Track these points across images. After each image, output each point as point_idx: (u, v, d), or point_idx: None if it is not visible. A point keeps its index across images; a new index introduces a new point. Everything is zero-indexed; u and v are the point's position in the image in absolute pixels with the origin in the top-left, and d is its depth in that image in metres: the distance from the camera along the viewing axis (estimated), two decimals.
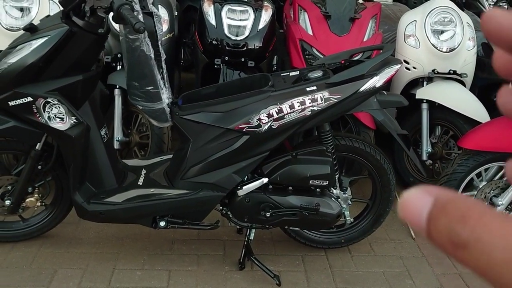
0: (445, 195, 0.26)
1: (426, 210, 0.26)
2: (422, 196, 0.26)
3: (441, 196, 0.26)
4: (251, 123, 2.01)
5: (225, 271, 2.32)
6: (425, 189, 0.27)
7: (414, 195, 0.27)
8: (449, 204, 0.25)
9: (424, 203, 0.26)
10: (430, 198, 0.26)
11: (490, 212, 0.24)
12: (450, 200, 0.25)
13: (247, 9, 2.94)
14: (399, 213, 0.27)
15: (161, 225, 2.15)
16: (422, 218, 0.26)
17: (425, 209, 0.26)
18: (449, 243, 0.24)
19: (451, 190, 0.26)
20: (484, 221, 0.24)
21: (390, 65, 2.08)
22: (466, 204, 0.25)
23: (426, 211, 0.26)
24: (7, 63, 1.95)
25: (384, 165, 2.31)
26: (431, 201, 0.26)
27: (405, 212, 0.27)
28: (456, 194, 0.26)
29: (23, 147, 2.20)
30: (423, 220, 0.26)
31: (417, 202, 0.26)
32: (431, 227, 0.25)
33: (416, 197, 0.26)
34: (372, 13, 3.02)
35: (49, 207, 2.40)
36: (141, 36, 1.87)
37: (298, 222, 2.21)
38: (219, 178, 2.10)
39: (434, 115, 2.96)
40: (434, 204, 0.26)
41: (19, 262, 2.31)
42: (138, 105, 2.07)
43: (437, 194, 0.26)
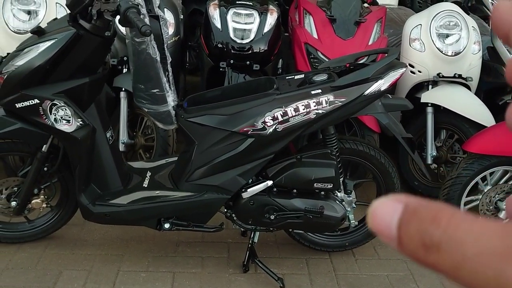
0: (414, 201, 0.26)
1: (396, 217, 0.25)
2: (391, 203, 0.26)
3: (410, 202, 0.26)
4: (256, 126, 2.02)
5: (229, 273, 2.33)
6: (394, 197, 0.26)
7: (383, 203, 0.26)
8: (420, 208, 0.25)
9: (394, 210, 0.26)
10: (399, 205, 0.26)
11: (460, 213, 0.25)
12: (420, 205, 0.25)
13: (253, 12, 2.95)
14: (368, 223, 0.27)
15: (165, 227, 2.16)
16: (392, 226, 0.25)
17: (395, 216, 0.25)
18: (421, 247, 0.24)
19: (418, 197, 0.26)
20: (455, 221, 0.24)
21: (395, 68, 2.09)
22: (436, 207, 0.25)
23: (396, 218, 0.25)
24: (14, 66, 1.97)
25: (388, 168, 2.31)
26: (401, 208, 0.26)
27: (374, 221, 0.26)
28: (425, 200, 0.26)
29: (30, 149, 2.22)
30: (393, 227, 0.25)
31: (386, 209, 0.26)
32: (401, 233, 0.25)
33: (385, 205, 0.26)
34: (377, 17, 3.02)
35: (54, 209, 2.42)
36: (147, 39, 1.89)
37: (302, 225, 2.21)
38: (223, 180, 2.11)
39: (439, 118, 2.95)
40: (405, 209, 0.25)
41: (24, 263, 2.32)
42: (143, 107, 2.09)
43: (407, 200, 0.26)
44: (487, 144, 2.43)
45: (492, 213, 2.57)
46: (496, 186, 2.54)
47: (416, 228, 0.25)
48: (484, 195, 2.54)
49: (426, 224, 0.24)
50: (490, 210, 2.56)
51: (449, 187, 2.50)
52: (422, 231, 0.24)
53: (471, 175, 2.48)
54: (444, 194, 2.52)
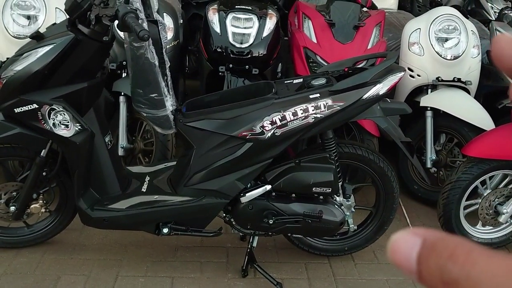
0: (433, 235, 0.26)
1: (415, 251, 0.26)
2: (410, 237, 0.26)
3: (429, 236, 0.26)
4: (255, 130, 2.02)
5: (228, 278, 2.32)
6: (412, 230, 0.27)
7: (402, 238, 0.27)
8: (438, 243, 0.25)
9: (412, 245, 0.26)
10: (418, 239, 0.26)
11: (478, 248, 0.25)
12: (438, 239, 0.25)
13: (252, 17, 2.95)
14: (389, 257, 0.27)
15: (164, 232, 2.16)
16: (412, 260, 0.26)
17: (414, 250, 0.26)
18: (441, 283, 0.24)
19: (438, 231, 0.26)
20: (473, 258, 0.24)
21: (393, 72, 2.09)
22: (454, 242, 0.25)
23: (415, 253, 0.26)
24: (13, 71, 1.98)
25: (387, 172, 2.31)
26: (420, 242, 0.26)
27: (394, 255, 0.27)
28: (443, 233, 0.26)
29: (28, 154, 2.22)
30: (413, 261, 0.26)
31: (405, 244, 0.26)
32: (421, 268, 0.25)
33: (404, 239, 0.26)
34: (376, 21, 3.03)
35: (53, 214, 2.41)
36: (145, 44, 1.89)
37: (301, 230, 2.21)
38: (222, 185, 2.10)
39: (438, 122, 2.95)
40: (423, 244, 0.26)
41: (23, 268, 2.32)
42: (142, 112, 2.09)
43: (425, 234, 0.26)
44: (486, 148, 2.43)
45: (491, 217, 2.56)
46: (495, 190, 2.54)
47: (434, 264, 0.25)
48: (483, 199, 2.54)
49: (444, 260, 0.24)
50: (489, 214, 2.56)
51: (449, 191, 2.50)
52: (440, 267, 0.24)
53: (471, 179, 2.48)
54: (444, 198, 2.52)
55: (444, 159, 3.04)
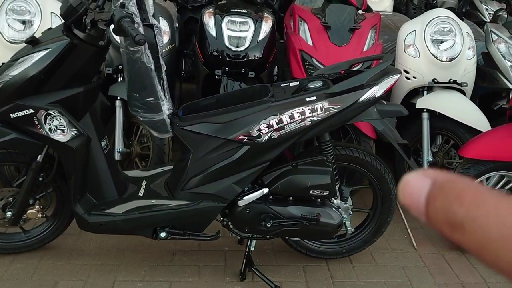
0: (443, 176, 0.26)
1: (425, 192, 0.26)
2: (421, 178, 0.27)
3: (439, 177, 0.26)
4: (251, 133, 2.02)
5: (226, 282, 2.31)
6: (424, 172, 0.27)
7: (413, 178, 0.27)
8: (446, 184, 0.25)
9: (422, 185, 0.26)
10: (428, 180, 0.26)
11: (485, 191, 0.25)
12: (447, 181, 0.26)
13: (247, 20, 2.96)
14: (399, 197, 0.27)
15: (161, 236, 2.15)
16: (420, 200, 0.26)
17: (423, 191, 0.26)
18: (446, 224, 0.25)
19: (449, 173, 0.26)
20: (479, 200, 0.24)
21: (389, 75, 2.09)
22: (462, 184, 0.25)
23: (424, 193, 0.26)
24: (9, 76, 1.97)
25: (384, 174, 2.31)
26: (430, 183, 0.26)
27: (404, 195, 0.27)
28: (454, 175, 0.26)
29: (24, 159, 2.21)
30: (421, 202, 0.26)
31: (415, 184, 0.27)
32: (429, 208, 0.26)
33: (415, 180, 0.27)
34: (372, 24, 3.03)
35: (50, 219, 2.40)
36: (141, 48, 1.89)
37: (299, 233, 2.20)
38: (219, 188, 2.10)
39: (434, 124, 2.96)
40: (433, 185, 0.26)
41: (20, 274, 2.30)
42: (138, 116, 2.08)
43: (435, 175, 0.26)
44: (483, 149, 2.44)
45: None
46: None
47: (441, 205, 0.25)
48: None
49: (450, 201, 0.25)
50: None
51: None
52: (446, 209, 0.25)
53: None
54: None
55: (441, 161, 3.05)
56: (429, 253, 2.64)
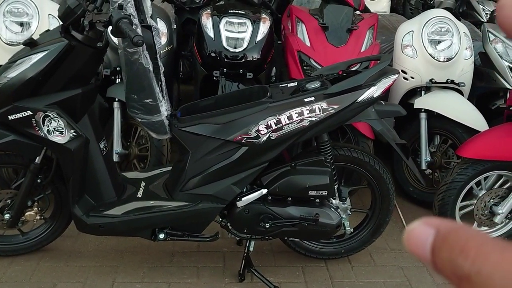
0: (446, 226, 0.26)
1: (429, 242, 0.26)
2: (424, 228, 0.27)
3: (441, 227, 0.26)
4: (250, 134, 2.02)
5: (225, 283, 2.31)
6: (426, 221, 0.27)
7: (416, 228, 0.27)
8: (450, 235, 0.25)
9: (426, 235, 0.26)
10: (431, 230, 0.26)
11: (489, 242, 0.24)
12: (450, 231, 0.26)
13: (245, 21, 2.96)
14: (406, 247, 0.28)
15: (160, 237, 2.15)
16: (426, 250, 0.26)
17: (428, 241, 0.26)
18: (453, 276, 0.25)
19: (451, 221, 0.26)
20: (484, 252, 0.24)
21: (387, 75, 2.09)
22: (466, 235, 0.25)
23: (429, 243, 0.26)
24: (7, 78, 1.97)
25: (383, 174, 2.31)
26: (433, 233, 0.26)
27: (409, 245, 0.27)
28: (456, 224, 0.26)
29: (23, 161, 2.21)
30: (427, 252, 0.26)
31: (419, 234, 0.27)
32: (435, 259, 0.26)
33: (418, 230, 0.27)
34: (369, 24, 3.04)
35: (48, 221, 2.40)
36: (139, 49, 1.89)
37: (297, 233, 2.20)
38: (218, 189, 2.10)
39: (432, 124, 2.96)
40: (436, 236, 0.26)
41: (18, 276, 2.30)
42: (137, 117, 2.08)
43: (438, 225, 0.26)
44: (480, 149, 2.44)
45: (487, 218, 2.57)
46: (490, 190, 2.55)
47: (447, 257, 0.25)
48: (478, 200, 2.54)
49: (455, 255, 0.24)
50: (485, 215, 2.57)
51: (444, 193, 2.51)
52: (452, 261, 0.24)
53: (466, 180, 2.49)
54: (439, 199, 2.53)
55: (439, 161, 3.06)
56: None
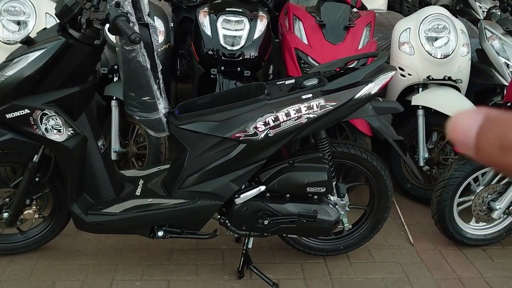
0: (495, 111, 0.29)
1: (476, 126, 0.28)
2: (473, 114, 0.29)
3: (491, 112, 0.29)
4: (248, 131, 2.02)
5: (224, 280, 2.32)
6: (475, 109, 0.29)
7: (464, 115, 0.30)
8: (501, 116, 0.28)
9: (474, 120, 0.29)
10: (481, 115, 0.29)
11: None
12: (500, 114, 0.28)
13: (243, 19, 2.96)
14: (448, 133, 0.29)
15: (159, 235, 2.15)
16: (471, 134, 0.28)
17: (474, 126, 0.28)
18: (499, 149, 0.27)
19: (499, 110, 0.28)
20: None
21: (384, 72, 2.10)
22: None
23: (475, 127, 0.28)
24: (4, 76, 1.96)
25: (381, 171, 2.32)
26: (482, 117, 0.29)
27: (453, 132, 0.29)
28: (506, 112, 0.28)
29: (21, 159, 2.21)
30: (471, 136, 0.28)
31: (467, 120, 0.29)
32: (480, 140, 0.28)
33: (466, 116, 0.29)
34: (367, 21, 3.04)
35: (47, 219, 2.40)
36: (137, 47, 1.88)
37: (296, 230, 2.21)
38: (216, 187, 2.10)
39: (430, 121, 2.97)
40: (486, 118, 0.28)
41: (17, 275, 2.30)
42: (134, 115, 2.08)
43: (487, 111, 0.29)
44: None
45: (485, 213, 2.58)
46: (488, 186, 2.56)
47: (495, 133, 0.27)
48: (476, 195, 2.56)
49: (506, 129, 0.27)
50: (483, 211, 2.58)
51: (442, 189, 2.52)
52: (501, 135, 0.27)
53: (463, 176, 2.49)
54: (437, 196, 2.53)
55: (437, 157, 3.07)
56: (426, 248, 2.65)
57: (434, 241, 2.71)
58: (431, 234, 2.76)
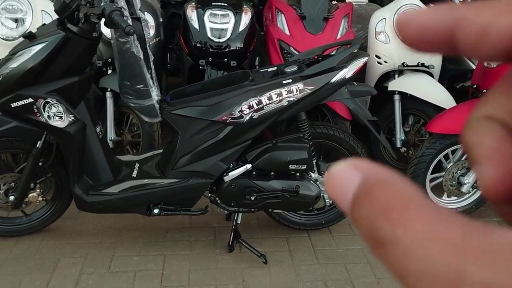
0: (375, 174, 0.21)
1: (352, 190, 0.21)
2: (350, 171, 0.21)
3: (370, 175, 0.21)
4: (234, 114, 2.22)
5: (215, 253, 2.51)
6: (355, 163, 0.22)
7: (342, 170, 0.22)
8: (376, 188, 0.20)
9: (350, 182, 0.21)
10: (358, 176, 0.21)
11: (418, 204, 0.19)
12: (378, 183, 0.20)
13: (228, 13, 3.15)
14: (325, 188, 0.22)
15: (155, 212, 2.34)
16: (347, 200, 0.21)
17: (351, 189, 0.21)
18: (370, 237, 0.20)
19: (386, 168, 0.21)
20: (407, 217, 0.19)
21: (358, 57, 2.30)
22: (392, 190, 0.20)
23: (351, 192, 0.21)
24: (9, 68, 2.14)
25: (357, 150, 2.52)
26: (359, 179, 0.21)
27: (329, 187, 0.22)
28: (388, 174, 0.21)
29: (25, 146, 2.38)
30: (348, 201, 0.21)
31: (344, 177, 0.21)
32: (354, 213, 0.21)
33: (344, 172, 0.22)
34: (344, 13, 3.24)
35: (49, 202, 2.58)
36: (130, 38, 2.07)
37: (280, 205, 2.41)
38: (206, 166, 2.29)
39: (406, 105, 3.18)
40: (361, 185, 0.21)
41: (24, 253, 2.48)
42: (130, 102, 2.27)
43: (367, 171, 0.21)
44: (447, 124, 2.66)
45: (455, 188, 2.79)
46: (457, 162, 2.77)
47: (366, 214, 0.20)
48: (447, 171, 2.77)
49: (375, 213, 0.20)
50: (453, 185, 2.79)
51: (415, 166, 2.73)
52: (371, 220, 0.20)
53: (434, 153, 2.70)
54: (411, 172, 2.74)
55: (413, 139, 3.28)
56: None
57: None
58: None
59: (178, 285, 2.29)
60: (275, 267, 2.42)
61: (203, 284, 2.29)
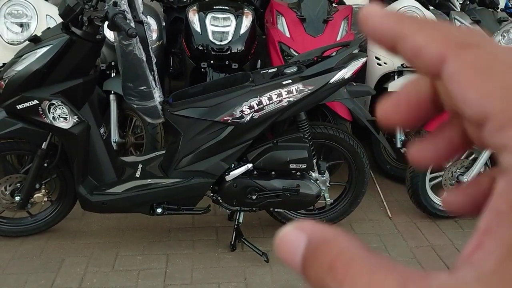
0: (319, 234, 0.22)
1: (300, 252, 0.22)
2: (296, 234, 0.22)
3: (314, 235, 0.22)
4: (235, 114, 2.26)
5: (218, 252, 2.55)
6: (300, 225, 0.23)
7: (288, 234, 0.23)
8: (321, 247, 0.22)
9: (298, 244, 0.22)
10: (303, 238, 0.22)
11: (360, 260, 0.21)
12: (322, 242, 0.22)
13: (229, 16, 3.20)
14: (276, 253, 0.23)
15: (158, 211, 2.38)
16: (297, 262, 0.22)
17: (299, 251, 0.22)
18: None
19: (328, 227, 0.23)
20: (352, 273, 0.20)
21: (356, 58, 2.34)
22: (336, 249, 0.21)
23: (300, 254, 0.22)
24: (14, 71, 2.19)
25: (357, 149, 2.56)
26: (305, 242, 0.22)
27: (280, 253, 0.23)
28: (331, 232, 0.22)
29: (30, 147, 2.43)
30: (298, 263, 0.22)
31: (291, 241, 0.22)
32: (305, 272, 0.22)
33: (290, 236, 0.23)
34: (344, 15, 3.29)
35: (54, 203, 2.62)
36: (133, 41, 2.12)
37: (281, 204, 2.44)
38: (208, 166, 2.34)
39: None
40: (307, 246, 0.22)
41: (29, 253, 2.52)
42: (133, 104, 2.31)
43: (311, 232, 0.22)
44: None
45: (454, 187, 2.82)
46: (457, 161, 2.80)
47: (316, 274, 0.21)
48: (446, 170, 2.80)
49: (324, 273, 0.21)
50: (452, 184, 2.82)
51: None
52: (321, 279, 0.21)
53: None
54: (411, 172, 2.78)
55: (413, 139, 3.31)
56: (402, 221, 2.90)
57: (411, 215, 2.96)
58: (408, 209, 3.01)
59: (181, 284, 2.32)
60: (276, 265, 2.45)
61: (205, 283, 2.33)
